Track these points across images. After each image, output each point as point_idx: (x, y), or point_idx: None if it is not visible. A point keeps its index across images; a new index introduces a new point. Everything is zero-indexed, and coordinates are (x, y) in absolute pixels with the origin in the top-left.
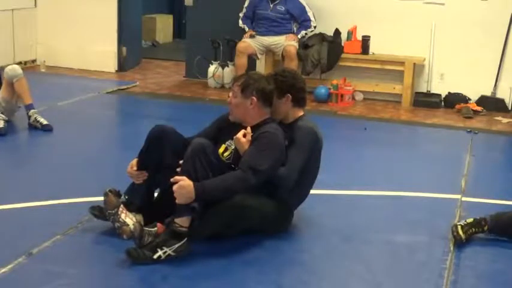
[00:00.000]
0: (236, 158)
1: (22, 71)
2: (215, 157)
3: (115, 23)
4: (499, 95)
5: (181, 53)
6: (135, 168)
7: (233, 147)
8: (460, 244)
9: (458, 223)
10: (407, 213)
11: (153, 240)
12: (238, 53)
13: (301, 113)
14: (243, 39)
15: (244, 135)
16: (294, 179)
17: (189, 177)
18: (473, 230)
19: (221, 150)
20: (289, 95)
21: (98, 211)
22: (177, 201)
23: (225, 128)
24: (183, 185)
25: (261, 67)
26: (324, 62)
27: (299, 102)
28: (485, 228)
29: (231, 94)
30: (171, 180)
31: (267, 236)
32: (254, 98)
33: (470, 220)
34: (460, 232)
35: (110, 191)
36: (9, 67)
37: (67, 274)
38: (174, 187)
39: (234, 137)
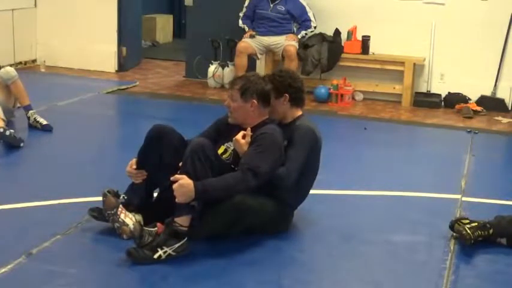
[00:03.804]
0: (235, 160)
1: (16, 72)
2: (215, 157)
3: (115, 23)
4: (499, 95)
5: (181, 53)
6: (134, 167)
7: (232, 148)
8: (463, 243)
9: (460, 221)
10: (407, 213)
11: (153, 240)
12: (238, 53)
13: (299, 113)
14: (243, 39)
15: (244, 137)
16: (293, 178)
17: (189, 176)
18: (480, 232)
19: (220, 151)
20: (286, 95)
21: (97, 212)
22: (177, 200)
23: (224, 130)
24: (183, 184)
25: (261, 67)
26: (324, 62)
27: (297, 102)
28: (491, 231)
29: (228, 97)
30: (171, 178)
31: (267, 236)
32: (254, 100)
33: (474, 224)
34: (469, 232)
35: (108, 191)
36: (3, 70)
37: (67, 274)
38: (174, 186)
39: (233, 139)
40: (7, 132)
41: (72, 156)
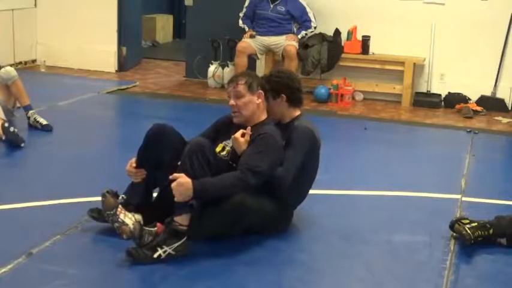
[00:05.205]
0: (233, 157)
1: (16, 72)
2: (213, 156)
3: (115, 23)
4: (499, 95)
5: (181, 53)
6: (134, 165)
7: (230, 146)
8: (463, 243)
9: (460, 222)
10: (407, 213)
11: (153, 240)
12: (238, 53)
13: (297, 113)
14: (243, 39)
15: (243, 135)
16: (291, 178)
17: (187, 175)
18: (480, 232)
19: (218, 149)
20: (283, 95)
21: (96, 213)
22: (175, 198)
23: (223, 130)
24: (182, 182)
25: (261, 67)
26: (324, 62)
27: (295, 102)
28: (491, 231)
29: (232, 97)
30: (170, 177)
31: (267, 236)
32: (261, 92)
33: (474, 224)
34: (469, 232)
35: (107, 191)
36: (3, 70)
37: (67, 274)
38: (173, 184)
39: (232, 137)
40: (11, 129)
41: (72, 156)
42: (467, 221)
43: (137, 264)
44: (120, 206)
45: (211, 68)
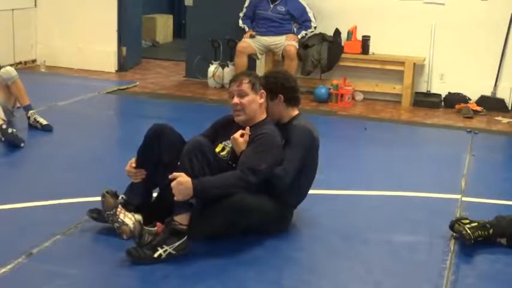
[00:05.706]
0: (233, 157)
1: (17, 72)
2: (213, 156)
3: (115, 23)
4: (499, 95)
5: (181, 53)
6: (133, 165)
7: (230, 146)
8: (463, 243)
9: (460, 222)
10: (407, 213)
11: (153, 239)
12: (238, 53)
13: (295, 112)
14: (243, 39)
15: (242, 135)
16: (290, 178)
17: (187, 175)
18: (480, 232)
19: (218, 149)
20: (281, 95)
21: (96, 213)
22: (175, 198)
23: (222, 130)
24: (181, 181)
25: (261, 67)
26: (324, 62)
27: (292, 101)
28: (491, 231)
29: (235, 96)
30: (170, 177)
31: (267, 236)
32: (263, 92)
33: (474, 224)
34: (469, 232)
35: (107, 192)
36: (3, 70)
37: (67, 274)
38: (173, 183)
39: (231, 137)
40: (9, 130)
41: (72, 156)
42: (467, 221)
43: (137, 264)
44: (119, 206)
45: (211, 68)
